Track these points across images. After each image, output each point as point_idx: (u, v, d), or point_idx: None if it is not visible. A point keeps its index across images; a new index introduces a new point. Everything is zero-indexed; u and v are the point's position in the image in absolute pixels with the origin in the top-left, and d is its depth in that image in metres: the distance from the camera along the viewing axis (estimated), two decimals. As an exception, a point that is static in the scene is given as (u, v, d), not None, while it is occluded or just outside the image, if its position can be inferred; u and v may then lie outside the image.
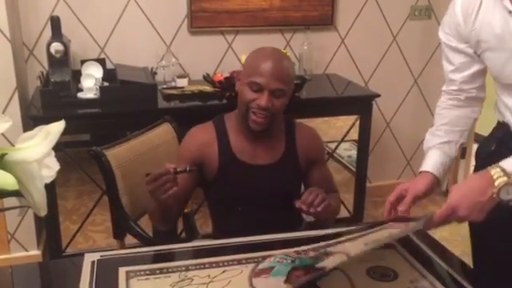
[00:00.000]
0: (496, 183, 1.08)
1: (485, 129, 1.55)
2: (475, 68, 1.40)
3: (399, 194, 1.32)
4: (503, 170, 1.09)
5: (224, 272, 1.23)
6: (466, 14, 1.33)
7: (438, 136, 1.45)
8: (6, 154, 0.71)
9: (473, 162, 3.29)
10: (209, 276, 1.21)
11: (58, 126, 0.74)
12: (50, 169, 0.74)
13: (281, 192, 1.60)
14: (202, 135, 1.60)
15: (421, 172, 1.41)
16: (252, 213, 1.54)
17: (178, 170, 1.33)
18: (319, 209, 1.40)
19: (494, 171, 1.10)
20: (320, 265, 1.15)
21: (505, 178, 1.08)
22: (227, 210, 1.62)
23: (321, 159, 1.73)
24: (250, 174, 1.58)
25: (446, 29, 1.40)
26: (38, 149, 0.71)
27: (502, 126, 1.42)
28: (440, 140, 1.44)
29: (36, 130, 0.73)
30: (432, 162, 1.40)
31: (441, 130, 1.46)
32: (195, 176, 1.57)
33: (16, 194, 0.74)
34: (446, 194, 3.41)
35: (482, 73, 1.42)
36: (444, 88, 1.49)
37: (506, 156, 1.33)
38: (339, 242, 1.27)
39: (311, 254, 1.28)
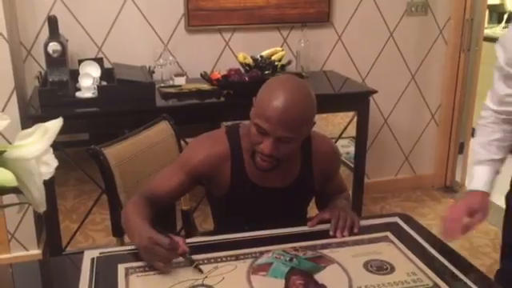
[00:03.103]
0: None
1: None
2: None
3: (468, 212, 1.42)
4: None
5: (220, 268, 1.24)
6: None
7: (490, 151, 1.50)
8: (4, 151, 0.71)
9: (470, 158, 3.31)
10: (205, 271, 1.22)
11: (56, 124, 0.74)
12: (49, 166, 0.75)
13: (291, 213, 1.54)
14: (216, 149, 1.46)
15: (478, 191, 1.46)
16: (258, 228, 1.47)
17: (188, 256, 1.23)
18: (345, 234, 1.39)
19: None
20: (317, 276, 1.20)
21: None
22: (233, 226, 1.52)
23: (336, 173, 1.63)
24: (262, 197, 1.48)
25: (509, 60, 1.42)
26: (37, 146, 0.72)
27: None
28: (492, 156, 1.50)
29: (34, 127, 0.74)
30: (488, 181, 1.47)
31: (493, 146, 1.50)
32: (189, 188, 1.53)
33: (15, 190, 0.75)
34: (445, 190, 3.43)
35: None
36: (493, 107, 1.50)
37: None
38: (332, 247, 1.33)
39: (309, 253, 1.29)
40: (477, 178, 1.50)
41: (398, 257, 1.30)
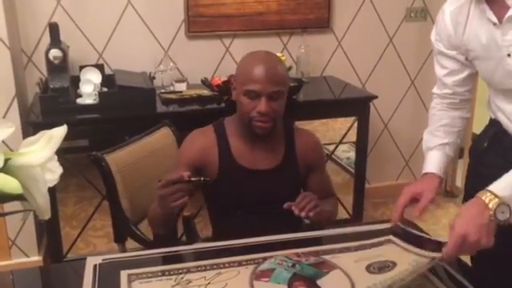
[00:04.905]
0: (490, 205, 1.13)
1: (481, 128, 1.59)
2: (467, 72, 1.45)
3: (411, 197, 1.36)
4: (492, 193, 1.14)
5: (223, 274, 1.24)
6: (456, 23, 1.38)
7: (438, 137, 1.49)
8: (9, 158, 0.72)
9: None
10: (205, 278, 1.22)
11: (61, 131, 0.75)
12: (53, 173, 0.75)
13: (280, 197, 1.57)
14: (202, 139, 1.60)
15: (426, 173, 1.44)
16: (251, 217, 1.55)
17: (193, 178, 1.31)
18: (311, 214, 1.42)
19: (485, 196, 1.15)
20: (320, 282, 1.19)
21: (496, 200, 1.13)
22: (226, 213, 1.63)
23: (320, 165, 1.73)
24: (250, 179, 1.58)
25: (438, 37, 1.45)
26: (41, 153, 0.72)
27: (494, 123, 1.45)
28: (441, 141, 1.48)
29: (39, 134, 0.74)
30: (436, 163, 1.44)
31: (440, 131, 1.50)
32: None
33: (19, 198, 0.75)
34: (446, 194, 3.42)
35: (474, 76, 1.47)
36: (437, 91, 1.52)
37: (498, 152, 1.40)
38: (334, 252, 1.32)
39: (312, 259, 1.29)
40: (426, 163, 1.48)
41: (400, 253, 1.28)
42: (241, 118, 1.56)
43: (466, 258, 1.44)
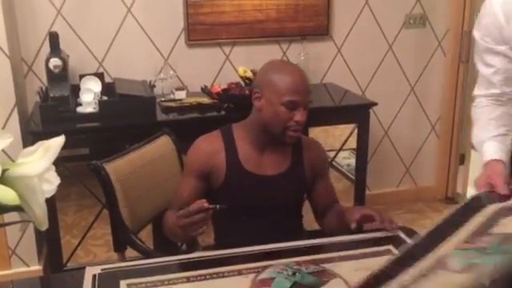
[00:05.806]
0: None
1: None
2: None
3: (488, 186, 1.30)
4: None
5: (223, 283, 1.23)
6: (509, 14, 1.29)
7: (488, 130, 1.43)
8: (7, 169, 0.72)
9: (471, 169, 3.23)
10: None
11: (58, 141, 0.75)
12: (51, 183, 0.75)
13: (286, 202, 1.62)
14: (210, 144, 1.61)
15: (487, 162, 1.37)
16: (255, 222, 1.55)
17: (210, 206, 1.32)
18: (394, 226, 1.48)
19: None
20: None
21: None
22: (231, 218, 1.61)
23: (325, 172, 1.75)
24: (257, 184, 1.58)
25: (485, 31, 1.37)
26: (39, 164, 0.72)
27: None
28: (492, 133, 1.42)
29: (36, 145, 0.74)
30: (494, 150, 1.38)
31: (490, 125, 1.43)
32: (205, 189, 1.59)
33: (17, 209, 0.75)
34: (447, 201, 3.41)
35: None
36: (481, 92, 1.46)
37: None
38: (334, 260, 1.33)
39: (312, 267, 1.28)
40: (484, 153, 1.40)
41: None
42: (270, 127, 1.54)
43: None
